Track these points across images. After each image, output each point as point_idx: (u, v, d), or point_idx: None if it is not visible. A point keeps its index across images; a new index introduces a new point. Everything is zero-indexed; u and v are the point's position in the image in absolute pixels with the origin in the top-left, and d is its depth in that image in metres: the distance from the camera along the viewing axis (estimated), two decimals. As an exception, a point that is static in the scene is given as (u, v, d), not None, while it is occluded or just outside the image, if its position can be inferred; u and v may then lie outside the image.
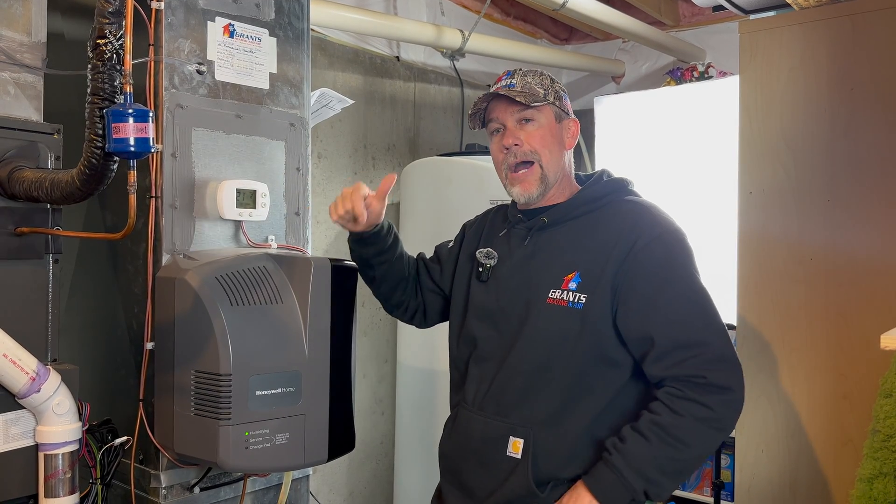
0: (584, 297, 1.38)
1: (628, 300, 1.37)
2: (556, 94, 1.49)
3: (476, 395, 1.48)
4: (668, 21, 3.47)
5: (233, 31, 1.62)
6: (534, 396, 1.41)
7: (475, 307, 1.52)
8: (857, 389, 1.83)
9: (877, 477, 1.59)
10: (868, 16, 1.80)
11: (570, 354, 1.38)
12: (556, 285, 1.41)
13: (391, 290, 1.64)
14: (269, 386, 1.43)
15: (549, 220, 1.46)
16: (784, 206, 1.90)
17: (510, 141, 1.45)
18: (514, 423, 1.41)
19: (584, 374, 1.39)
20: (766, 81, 1.94)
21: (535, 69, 1.52)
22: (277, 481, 1.70)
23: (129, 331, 1.61)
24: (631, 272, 1.37)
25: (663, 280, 1.37)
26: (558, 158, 1.48)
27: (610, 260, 1.38)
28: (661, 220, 1.43)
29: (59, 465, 1.36)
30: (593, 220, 1.45)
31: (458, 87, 3.30)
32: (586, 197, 1.48)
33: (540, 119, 1.46)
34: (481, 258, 1.53)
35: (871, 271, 1.80)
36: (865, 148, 1.81)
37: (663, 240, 1.39)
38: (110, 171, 1.27)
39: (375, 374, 2.97)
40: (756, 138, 1.95)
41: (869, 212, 1.80)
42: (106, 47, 1.19)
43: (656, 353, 1.35)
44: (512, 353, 1.43)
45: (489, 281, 1.51)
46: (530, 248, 1.47)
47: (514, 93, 1.44)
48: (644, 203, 1.48)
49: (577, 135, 1.52)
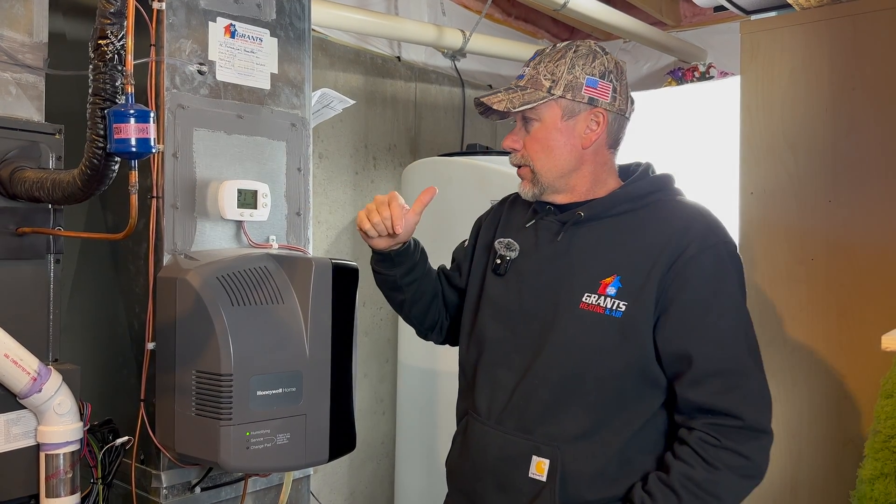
0: (623, 305, 1.23)
1: (670, 312, 1.23)
2: (571, 84, 1.29)
3: (492, 406, 1.33)
4: (670, 21, 3.47)
5: (234, 32, 1.62)
6: (562, 412, 1.26)
7: (490, 303, 1.38)
8: (858, 390, 1.83)
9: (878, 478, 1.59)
10: (869, 16, 1.80)
11: (607, 368, 1.24)
12: (592, 289, 1.26)
13: (425, 311, 1.51)
14: (271, 386, 1.43)
15: (585, 214, 1.31)
16: (785, 206, 1.90)
17: (508, 144, 1.36)
18: (537, 440, 1.26)
19: (621, 392, 1.25)
20: (767, 82, 1.94)
21: (569, 45, 1.33)
22: (278, 481, 1.70)
23: (131, 331, 1.61)
24: (677, 282, 1.23)
25: (711, 295, 1.23)
26: (562, 160, 1.32)
27: (656, 265, 1.23)
28: (715, 228, 1.28)
29: (60, 464, 1.36)
30: (637, 219, 1.30)
31: (460, 88, 3.30)
32: (630, 193, 1.32)
33: (541, 117, 1.31)
34: (500, 249, 1.39)
35: (873, 272, 1.80)
36: (867, 148, 1.81)
37: (717, 251, 1.25)
38: (112, 171, 1.28)
39: (376, 374, 2.97)
40: (757, 138, 1.95)
41: (870, 212, 1.80)
42: (107, 48, 1.19)
43: (693, 375, 1.22)
44: (538, 362, 1.28)
45: (508, 275, 1.36)
46: (564, 244, 1.31)
47: (500, 97, 1.32)
48: (697, 206, 1.33)
49: (600, 128, 1.31)
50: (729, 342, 1.23)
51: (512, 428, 1.30)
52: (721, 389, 1.21)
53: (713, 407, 1.21)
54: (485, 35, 3.04)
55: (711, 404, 1.21)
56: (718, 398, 1.21)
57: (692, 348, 1.22)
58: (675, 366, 1.24)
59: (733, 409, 1.20)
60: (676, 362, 1.24)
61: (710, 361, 1.21)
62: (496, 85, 3.53)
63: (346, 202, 2.84)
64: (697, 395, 1.22)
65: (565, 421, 1.26)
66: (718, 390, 1.21)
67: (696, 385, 1.22)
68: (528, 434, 1.28)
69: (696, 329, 1.22)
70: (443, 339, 1.60)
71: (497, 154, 2.79)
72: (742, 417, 1.20)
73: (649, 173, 1.37)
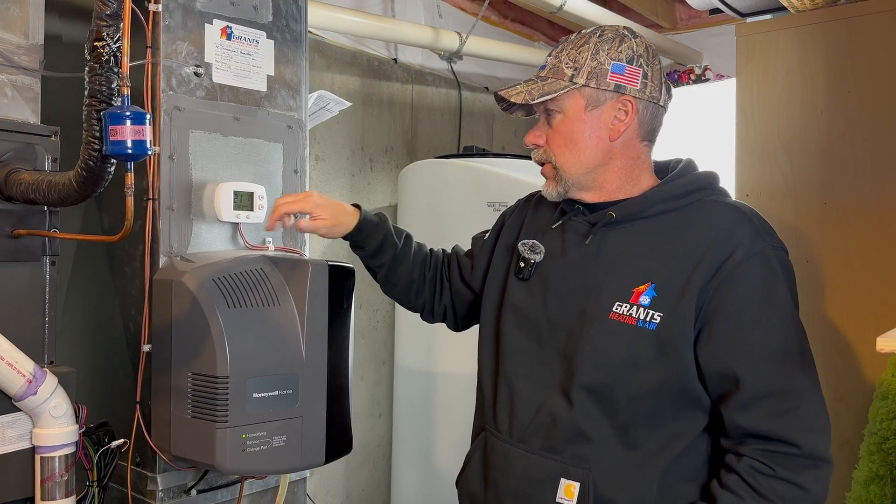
0: (658, 316, 1.12)
1: (714, 326, 1.11)
2: (595, 72, 1.18)
3: (514, 422, 1.23)
4: (665, 24, 3.48)
5: (230, 34, 1.62)
6: (593, 432, 1.15)
7: (512, 310, 1.28)
8: (854, 391, 1.84)
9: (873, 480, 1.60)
10: (864, 19, 1.81)
11: (640, 385, 1.13)
12: (624, 298, 1.15)
13: (403, 295, 1.50)
14: (267, 388, 1.43)
15: (617, 215, 1.20)
16: (781, 208, 1.91)
17: (528, 139, 1.25)
18: (567, 461, 1.15)
19: (656, 411, 1.14)
20: (762, 84, 1.95)
21: (595, 30, 1.23)
22: (274, 484, 1.70)
23: (127, 333, 1.61)
24: (721, 292, 1.10)
25: (761, 307, 1.10)
26: (587, 154, 1.21)
27: (696, 273, 1.11)
28: (764, 231, 1.16)
29: (55, 467, 1.36)
30: (675, 221, 1.18)
31: (456, 90, 3.30)
32: (668, 192, 1.20)
33: (564, 109, 1.21)
34: (524, 251, 1.28)
35: (868, 273, 1.81)
36: (861, 151, 1.82)
37: (766, 257, 1.12)
38: (107, 173, 1.28)
39: (373, 377, 2.97)
40: (753, 141, 1.96)
41: (865, 214, 1.81)
42: (103, 50, 1.19)
43: (742, 397, 1.09)
44: (566, 377, 1.18)
45: (532, 280, 1.26)
46: (593, 247, 1.20)
47: (519, 88, 1.22)
48: (742, 207, 1.20)
49: (629, 118, 1.20)
50: (781, 360, 1.10)
51: (537, 447, 1.19)
52: (774, 413, 1.08)
53: (766, 433, 1.08)
54: (481, 37, 3.04)
55: (763, 430, 1.08)
56: (771, 423, 1.08)
57: (739, 367, 1.09)
58: (721, 386, 1.12)
59: (788, 435, 1.08)
60: (722, 382, 1.11)
61: (760, 382, 1.09)
62: (493, 87, 3.53)
63: (343, 204, 2.84)
64: (747, 420, 1.09)
65: (596, 441, 1.15)
66: (771, 414, 1.08)
67: (744, 408, 1.09)
68: (555, 454, 1.17)
69: (744, 346, 1.10)
70: (442, 320, 1.53)
71: (494, 156, 2.80)
72: (799, 444, 1.07)
73: (690, 170, 1.25)
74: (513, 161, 2.75)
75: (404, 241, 1.48)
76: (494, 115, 3.57)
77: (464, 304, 1.48)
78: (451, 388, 2.59)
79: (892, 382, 1.63)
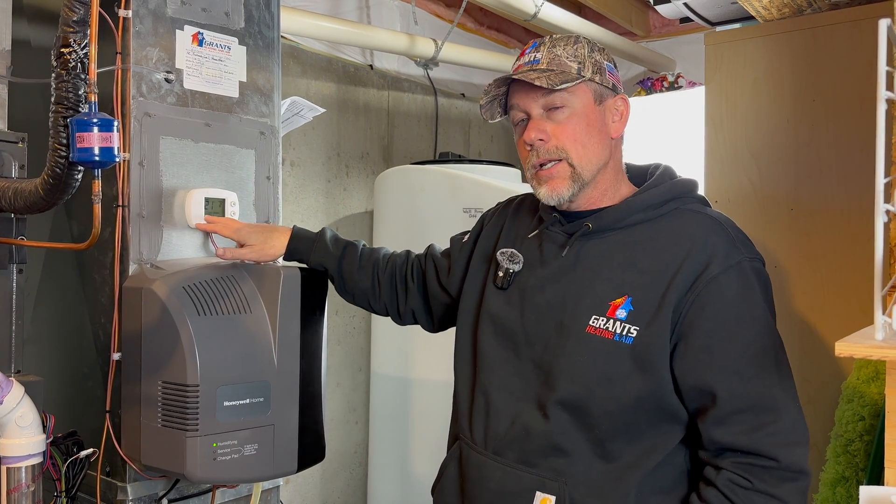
0: (634, 330, 1.11)
1: (689, 340, 1.10)
2: (596, 65, 1.19)
3: (489, 433, 1.21)
4: (639, 32, 3.52)
5: (202, 40, 1.61)
6: (568, 445, 1.15)
7: (490, 319, 1.26)
8: (821, 395, 1.87)
9: (839, 481, 1.62)
10: (828, 29, 1.85)
11: (615, 400, 1.12)
12: (601, 311, 1.13)
13: (360, 301, 1.54)
14: (238, 396, 1.42)
15: (594, 226, 1.18)
16: (749, 214, 1.94)
17: (533, 135, 1.18)
18: (542, 474, 1.14)
19: (632, 425, 1.13)
20: (730, 92, 1.98)
21: (570, 35, 1.24)
22: (247, 492, 1.69)
23: (96, 341, 1.59)
24: (697, 305, 1.09)
25: (737, 322, 1.10)
26: (598, 151, 1.19)
27: (672, 286, 1.10)
28: (740, 242, 1.15)
29: (22, 478, 1.34)
30: (651, 231, 1.17)
31: (432, 96, 3.32)
32: (646, 202, 1.18)
33: (572, 104, 1.17)
34: (503, 261, 1.26)
35: (833, 279, 1.85)
36: (827, 158, 1.86)
37: (742, 269, 1.11)
38: (74, 180, 1.26)
39: (349, 383, 2.96)
40: (721, 148, 1.99)
41: (830, 220, 1.85)
42: (70, 56, 1.18)
43: (718, 412, 1.09)
44: (542, 390, 1.17)
45: (510, 289, 1.24)
46: (570, 259, 1.19)
47: (536, 75, 1.16)
48: (718, 217, 1.18)
49: (627, 116, 1.22)
50: (757, 374, 1.09)
51: (512, 460, 1.18)
52: (750, 428, 1.07)
53: (743, 447, 1.08)
54: (457, 44, 3.06)
55: (741, 445, 1.08)
56: (748, 438, 1.07)
57: (716, 382, 1.08)
58: (697, 401, 1.11)
59: (766, 449, 1.07)
60: (698, 397, 1.11)
61: (736, 397, 1.08)
62: (469, 94, 3.55)
63: (319, 210, 2.84)
64: (724, 436, 1.09)
65: (573, 455, 1.14)
66: (748, 429, 1.07)
67: (721, 423, 1.09)
68: (531, 467, 1.16)
69: (720, 361, 1.09)
70: (404, 323, 1.54)
71: (470, 162, 2.81)
72: (777, 458, 1.06)
73: (667, 178, 1.22)
74: (489, 167, 2.76)
75: (345, 250, 1.50)
76: (471, 121, 3.58)
77: (440, 305, 1.46)
78: (428, 394, 2.60)
79: (857, 386, 1.66)
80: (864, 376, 1.66)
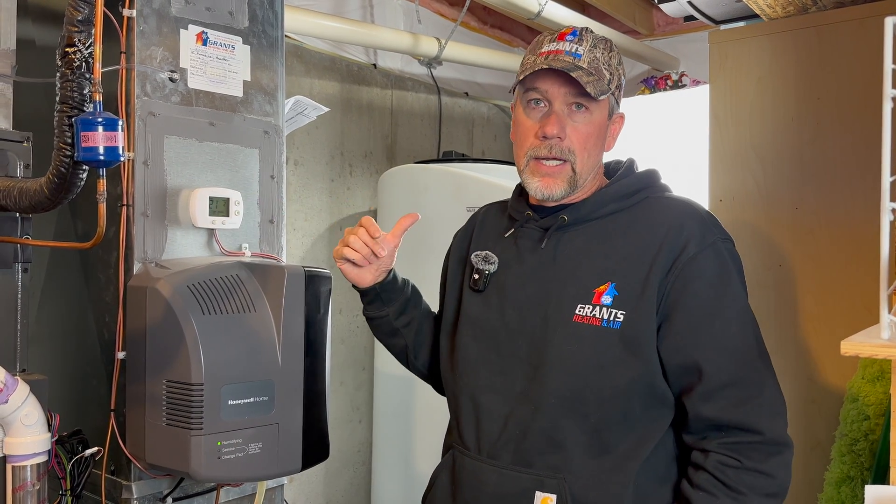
0: (621, 314, 1.12)
1: (674, 319, 1.12)
2: (619, 81, 1.21)
3: (481, 437, 1.19)
4: (643, 30, 3.51)
5: (206, 39, 1.61)
6: (565, 439, 1.14)
7: (468, 322, 1.25)
8: (825, 394, 1.87)
9: (844, 481, 1.62)
10: (833, 27, 1.84)
11: (609, 386, 1.12)
12: (586, 299, 1.14)
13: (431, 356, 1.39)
14: (242, 395, 1.42)
15: (569, 218, 1.19)
16: (753, 213, 1.94)
17: (556, 130, 1.16)
18: (540, 473, 1.14)
19: (626, 412, 1.13)
20: (735, 90, 1.97)
21: (606, 37, 1.22)
22: (251, 491, 1.69)
23: (101, 340, 1.59)
24: (678, 285, 1.12)
25: (717, 299, 1.12)
26: (596, 160, 1.22)
27: (654, 268, 1.13)
28: (712, 223, 1.19)
29: (27, 476, 1.34)
30: (626, 219, 1.19)
31: (436, 95, 3.31)
32: (617, 192, 1.21)
33: (595, 112, 1.18)
34: (478, 263, 1.26)
35: (838, 277, 1.84)
36: (831, 156, 1.85)
37: (717, 249, 1.15)
38: (79, 179, 1.27)
39: (353, 382, 2.96)
40: (726, 146, 1.99)
41: (836, 219, 1.84)
42: (75, 55, 1.19)
43: (705, 388, 1.10)
44: (531, 385, 1.16)
45: (488, 290, 1.24)
46: (549, 252, 1.20)
47: (582, 74, 1.14)
48: (687, 202, 1.22)
49: (618, 134, 1.26)
50: (740, 349, 1.12)
51: (508, 461, 1.16)
52: (736, 402, 1.10)
53: (729, 422, 1.10)
54: (461, 43, 3.06)
55: (727, 419, 1.10)
56: (734, 412, 1.10)
57: (702, 358, 1.10)
58: (683, 379, 1.13)
59: (751, 422, 1.09)
60: (684, 375, 1.12)
61: (722, 372, 1.10)
62: (472, 93, 3.55)
63: (322, 209, 2.84)
64: (711, 410, 1.10)
65: (569, 450, 1.13)
66: (734, 403, 1.10)
67: (708, 399, 1.10)
68: (528, 467, 1.15)
69: (705, 337, 1.11)
70: None
71: (473, 161, 2.81)
72: (762, 431, 1.09)
73: (632, 171, 1.26)
74: (492, 166, 2.76)
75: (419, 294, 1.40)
76: (474, 120, 3.58)
77: None
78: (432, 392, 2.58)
79: (861, 385, 1.65)
80: (869, 375, 1.65)
